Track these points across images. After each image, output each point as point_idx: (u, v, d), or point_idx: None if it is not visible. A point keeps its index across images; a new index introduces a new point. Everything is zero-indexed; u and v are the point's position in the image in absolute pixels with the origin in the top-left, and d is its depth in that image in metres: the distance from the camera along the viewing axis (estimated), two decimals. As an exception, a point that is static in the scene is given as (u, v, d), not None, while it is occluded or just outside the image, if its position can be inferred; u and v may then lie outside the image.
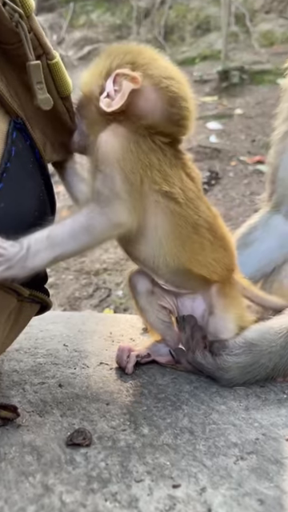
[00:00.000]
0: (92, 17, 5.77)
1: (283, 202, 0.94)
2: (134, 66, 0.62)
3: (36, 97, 0.58)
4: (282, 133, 0.90)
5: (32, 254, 0.57)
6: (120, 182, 0.60)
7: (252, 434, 0.60)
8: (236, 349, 0.69)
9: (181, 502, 0.48)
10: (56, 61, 0.61)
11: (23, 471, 0.52)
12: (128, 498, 0.49)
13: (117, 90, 0.62)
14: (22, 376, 0.73)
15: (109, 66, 0.63)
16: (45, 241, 0.58)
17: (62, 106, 0.64)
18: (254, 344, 0.70)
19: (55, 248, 0.58)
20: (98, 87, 0.64)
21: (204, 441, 0.58)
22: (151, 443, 0.57)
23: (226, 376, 0.70)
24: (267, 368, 0.70)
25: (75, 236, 0.59)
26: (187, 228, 0.65)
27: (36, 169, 0.64)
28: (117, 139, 0.61)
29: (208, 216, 0.68)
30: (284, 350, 0.70)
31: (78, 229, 0.59)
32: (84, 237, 0.59)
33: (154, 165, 0.62)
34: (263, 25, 5.04)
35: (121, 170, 0.60)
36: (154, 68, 0.63)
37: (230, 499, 0.49)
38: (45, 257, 0.58)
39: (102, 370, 0.76)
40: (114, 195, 0.60)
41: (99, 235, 0.61)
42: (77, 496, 0.49)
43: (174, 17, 5.39)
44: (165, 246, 0.65)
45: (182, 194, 0.64)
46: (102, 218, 0.59)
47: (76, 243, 0.59)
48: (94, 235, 0.60)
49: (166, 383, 0.72)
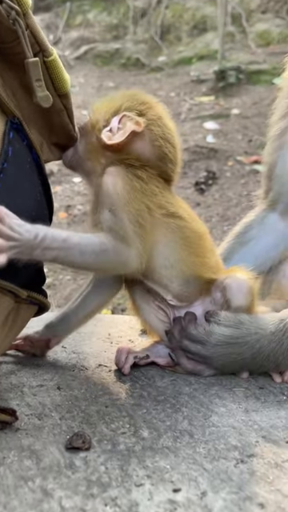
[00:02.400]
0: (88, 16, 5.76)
1: (279, 200, 0.94)
2: (141, 114, 0.71)
3: (35, 94, 0.58)
4: (279, 129, 0.90)
5: (42, 247, 0.60)
6: (129, 223, 0.66)
7: (252, 437, 0.59)
8: (226, 320, 0.72)
9: (181, 506, 0.48)
10: (53, 58, 0.60)
11: (22, 476, 0.52)
12: (128, 503, 0.48)
13: (120, 128, 0.70)
14: (21, 378, 0.72)
15: (120, 105, 0.72)
16: (60, 242, 0.61)
17: (60, 103, 0.64)
18: (242, 322, 0.72)
19: (64, 251, 0.62)
20: (104, 120, 0.71)
21: (204, 444, 0.58)
22: (151, 446, 0.57)
23: (212, 340, 0.71)
24: (253, 348, 0.71)
25: (84, 252, 0.63)
26: (195, 237, 0.73)
27: (33, 169, 0.63)
28: (122, 181, 0.68)
29: (202, 224, 0.77)
30: (273, 335, 0.71)
31: (90, 249, 0.63)
32: (90, 258, 0.64)
33: (156, 192, 0.70)
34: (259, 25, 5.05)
35: (129, 213, 0.66)
36: (157, 125, 0.72)
37: (231, 503, 0.48)
38: (52, 254, 0.61)
39: (100, 372, 0.75)
40: (125, 238, 0.65)
41: (103, 264, 0.66)
42: (76, 501, 0.48)
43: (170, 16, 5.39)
44: (178, 258, 0.72)
45: (183, 210, 0.73)
46: (113, 252, 0.65)
47: (81, 258, 0.63)
48: (99, 262, 0.65)
49: (165, 385, 0.71)
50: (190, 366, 0.74)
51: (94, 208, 0.70)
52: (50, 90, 0.61)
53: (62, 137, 0.68)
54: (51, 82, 0.61)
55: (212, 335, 0.71)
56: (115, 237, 0.64)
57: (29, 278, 0.66)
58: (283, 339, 0.71)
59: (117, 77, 4.94)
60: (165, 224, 0.70)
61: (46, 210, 0.69)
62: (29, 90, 0.60)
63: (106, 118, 0.71)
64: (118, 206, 0.66)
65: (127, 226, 0.65)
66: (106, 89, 4.66)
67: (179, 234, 0.71)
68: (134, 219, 0.66)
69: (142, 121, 0.69)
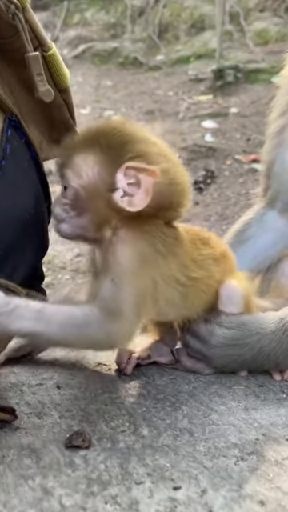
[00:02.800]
0: (86, 15, 5.74)
1: (278, 198, 0.94)
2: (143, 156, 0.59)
3: (37, 89, 0.57)
4: (277, 127, 0.90)
5: (14, 316, 0.55)
6: (129, 300, 0.58)
7: (252, 435, 0.59)
8: (228, 322, 0.72)
9: (181, 504, 0.48)
10: (52, 52, 0.60)
11: (22, 474, 0.52)
12: (128, 501, 0.48)
13: (131, 185, 0.58)
14: (20, 377, 0.72)
15: (113, 157, 0.58)
16: (34, 312, 0.56)
17: (60, 98, 0.63)
18: (245, 323, 0.72)
19: (39, 323, 0.56)
20: (103, 182, 0.59)
21: (204, 442, 0.58)
22: (151, 444, 0.57)
23: (212, 341, 0.71)
24: (253, 349, 0.71)
25: (63, 326, 0.57)
26: (209, 283, 0.69)
27: (31, 167, 0.63)
28: (133, 250, 0.59)
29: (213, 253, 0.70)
30: (273, 334, 0.71)
31: (70, 322, 0.57)
32: (71, 331, 0.57)
33: (170, 264, 0.62)
34: (258, 23, 5.05)
35: (133, 288, 0.59)
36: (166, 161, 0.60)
37: (231, 501, 0.48)
38: (25, 325, 0.55)
39: (100, 371, 0.75)
40: (115, 312, 0.58)
41: (87, 340, 0.59)
42: (77, 499, 0.48)
43: (168, 15, 5.38)
44: (191, 307, 0.68)
45: (195, 266, 0.66)
46: (99, 328, 0.58)
47: (60, 332, 0.57)
48: (82, 337, 0.58)
49: (164, 383, 0.71)
50: (190, 363, 0.75)
51: (95, 273, 0.63)
52: (50, 85, 0.60)
53: (64, 133, 0.68)
54: (51, 76, 0.61)
55: (213, 336, 0.71)
56: (104, 309, 0.57)
57: (27, 276, 0.66)
58: (283, 338, 0.71)
59: (115, 76, 4.94)
60: (175, 289, 0.64)
61: (45, 207, 0.69)
62: (27, 87, 0.59)
63: (103, 178, 0.58)
64: (123, 277, 0.58)
65: (125, 302, 0.58)
66: (104, 88, 4.66)
67: (191, 291, 0.66)
68: (135, 297, 0.59)
69: (156, 168, 0.57)
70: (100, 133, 0.60)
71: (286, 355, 0.71)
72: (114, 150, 0.59)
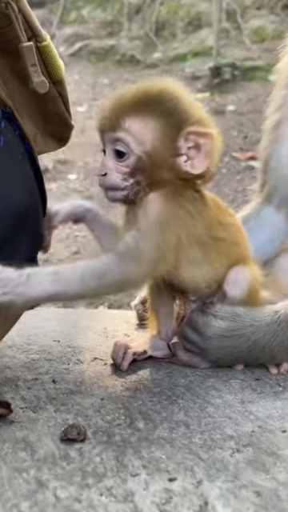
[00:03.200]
0: (83, 13, 5.73)
1: (275, 194, 0.94)
2: (201, 122, 0.61)
3: (31, 80, 0.57)
4: (274, 121, 0.90)
5: (32, 283, 0.55)
6: (150, 248, 0.60)
7: (248, 427, 0.59)
8: (222, 312, 0.71)
9: (177, 495, 0.48)
10: (46, 43, 0.59)
11: (16, 467, 0.51)
12: (123, 493, 0.48)
13: (191, 148, 0.61)
14: (15, 372, 0.72)
15: (174, 122, 0.60)
16: (50, 275, 0.56)
17: (54, 90, 0.63)
18: (238, 314, 0.72)
19: (59, 283, 0.57)
20: (165, 148, 0.60)
21: (200, 434, 0.57)
22: (147, 437, 0.57)
23: (208, 333, 0.71)
24: (249, 340, 0.71)
25: (84, 279, 0.58)
26: (230, 247, 0.70)
27: (26, 160, 0.62)
28: (166, 208, 0.61)
29: (236, 224, 0.72)
30: (268, 327, 0.71)
31: (90, 273, 0.58)
32: (92, 282, 0.58)
33: (196, 223, 0.64)
34: (254, 21, 5.05)
35: (158, 241, 0.60)
36: (210, 122, 0.63)
37: (227, 492, 0.48)
38: (46, 288, 0.56)
39: (96, 366, 0.75)
40: (138, 257, 0.59)
41: (108, 285, 0.60)
42: (71, 491, 0.48)
43: (165, 13, 5.37)
44: (210, 269, 0.69)
45: (220, 227, 0.68)
46: (117, 270, 0.59)
47: (82, 286, 0.58)
48: (103, 284, 0.59)
49: (160, 377, 0.71)
50: (186, 357, 0.74)
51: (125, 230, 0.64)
52: (44, 76, 0.60)
53: (58, 126, 0.67)
54: (45, 68, 0.60)
55: (208, 327, 0.71)
56: (124, 252, 0.59)
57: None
58: (278, 330, 0.71)
59: (111, 73, 4.93)
60: (197, 249, 0.66)
61: (40, 202, 0.68)
62: (21, 79, 0.59)
63: (167, 144, 0.60)
64: (149, 230, 0.60)
65: (145, 250, 0.60)
66: (100, 86, 4.65)
67: (215, 250, 0.68)
68: (156, 249, 0.60)
69: (212, 131, 0.60)
70: (156, 96, 0.61)
71: (281, 348, 0.71)
72: (174, 115, 0.60)
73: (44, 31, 0.60)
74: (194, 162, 0.61)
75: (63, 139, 0.70)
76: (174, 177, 0.62)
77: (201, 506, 0.46)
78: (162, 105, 0.60)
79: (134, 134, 0.60)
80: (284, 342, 0.71)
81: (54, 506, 0.46)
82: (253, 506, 0.46)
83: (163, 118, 0.60)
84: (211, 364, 0.74)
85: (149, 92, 0.61)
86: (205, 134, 0.60)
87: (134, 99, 0.61)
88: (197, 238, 0.65)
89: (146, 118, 0.60)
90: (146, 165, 0.61)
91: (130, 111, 0.60)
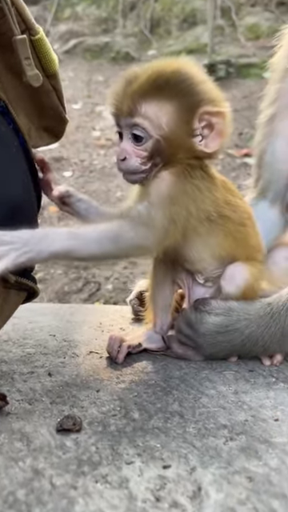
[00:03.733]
0: (77, 9, 5.70)
1: (269, 188, 0.94)
2: (214, 101, 0.62)
3: (25, 73, 0.57)
4: (268, 116, 0.90)
5: (50, 240, 0.57)
6: (162, 218, 0.61)
7: (241, 416, 0.60)
8: (216, 308, 0.72)
9: (171, 481, 0.49)
10: (39, 36, 0.59)
11: (12, 457, 0.52)
12: (118, 480, 0.49)
13: (204, 127, 0.62)
14: (11, 366, 0.72)
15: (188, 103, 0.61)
16: (65, 234, 0.58)
17: (48, 84, 0.63)
18: (232, 309, 0.72)
19: (75, 241, 0.58)
20: (181, 130, 0.61)
21: (194, 423, 0.58)
22: (142, 427, 0.57)
23: (202, 329, 0.72)
24: (243, 334, 0.72)
25: (100, 240, 0.59)
26: (237, 227, 0.71)
27: (20, 153, 0.63)
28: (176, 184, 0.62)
29: (245, 207, 0.73)
30: (261, 319, 0.72)
31: (106, 235, 0.60)
32: (108, 244, 0.60)
33: (205, 198, 0.65)
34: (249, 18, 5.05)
35: (167, 211, 0.61)
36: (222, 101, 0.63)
37: (220, 478, 0.49)
38: (64, 245, 0.57)
39: (91, 359, 0.75)
40: (150, 224, 0.61)
41: (122, 249, 0.62)
42: (67, 479, 0.49)
43: (159, 10, 5.36)
44: (218, 247, 0.70)
45: (227, 206, 0.68)
46: (130, 235, 0.60)
47: (97, 246, 0.59)
48: (118, 247, 0.61)
49: (155, 370, 0.72)
50: (181, 350, 0.75)
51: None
52: (38, 70, 0.60)
53: (53, 119, 0.67)
54: (39, 61, 0.60)
55: (202, 324, 0.72)
56: (136, 219, 0.61)
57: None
58: (270, 322, 0.72)
59: (106, 71, 4.91)
60: (206, 225, 0.67)
61: (34, 196, 0.69)
62: (15, 73, 0.59)
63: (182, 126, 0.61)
64: (160, 202, 0.61)
65: (156, 219, 0.61)
66: (95, 83, 4.63)
67: (222, 229, 0.69)
68: (167, 220, 0.62)
69: (224, 110, 0.62)
70: (171, 78, 0.61)
71: (274, 339, 0.72)
72: (189, 96, 0.61)
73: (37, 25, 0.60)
74: (207, 141, 0.62)
75: (58, 133, 0.71)
76: (188, 156, 0.63)
77: (194, 492, 0.47)
78: (177, 87, 0.61)
79: (150, 118, 0.61)
80: (277, 334, 0.72)
81: (49, 494, 0.47)
82: (245, 490, 0.47)
83: (179, 100, 0.61)
84: (206, 358, 0.74)
85: (163, 74, 0.61)
86: (218, 113, 0.61)
87: (149, 82, 0.61)
88: (206, 214, 0.66)
89: (161, 102, 0.60)
90: (163, 147, 0.62)
91: (145, 95, 0.61)
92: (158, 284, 0.76)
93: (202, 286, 0.75)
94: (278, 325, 0.72)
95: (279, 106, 0.89)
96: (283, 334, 0.72)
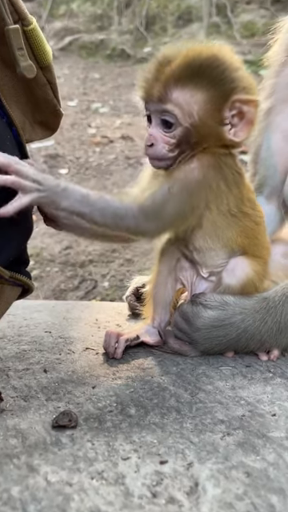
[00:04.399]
0: (72, 6, 5.67)
1: (265, 183, 0.94)
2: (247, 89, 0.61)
3: (18, 64, 0.56)
4: (264, 110, 0.90)
5: (65, 195, 0.59)
6: (176, 210, 0.61)
7: (238, 411, 0.60)
8: (212, 301, 0.72)
9: (168, 477, 0.48)
10: (33, 27, 0.58)
11: (7, 454, 0.51)
12: (115, 476, 0.48)
13: (235, 116, 0.61)
14: (6, 363, 0.72)
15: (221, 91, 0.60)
16: (80, 195, 0.60)
17: (43, 77, 0.62)
18: (227, 303, 0.72)
19: (84, 205, 0.60)
20: (212, 118, 0.61)
21: (191, 419, 0.58)
22: (138, 423, 0.57)
23: (198, 324, 0.71)
24: (238, 328, 0.71)
25: (104, 213, 0.60)
26: (252, 225, 0.71)
27: (13, 147, 0.62)
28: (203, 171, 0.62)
29: (258, 205, 0.73)
30: (257, 313, 0.72)
31: (110, 210, 0.60)
32: (110, 219, 0.61)
33: (230, 193, 0.65)
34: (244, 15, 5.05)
35: (183, 204, 0.62)
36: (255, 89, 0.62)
37: (217, 473, 0.49)
38: (73, 205, 0.59)
39: (87, 355, 0.75)
40: (160, 216, 0.61)
41: (121, 228, 0.63)
42: (62, 475, 0.48)
43: (155, 7, 5.34)
44: (230, 241, 0.70)
45: (249, 204, 0.69)
46: (133, 221, 0.61)
47: (100, 217, 0.61)
48: (117, 225, 0.62)
49: (152, 366, 0.71)
50: (177, 345, 0.75)
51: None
52: (32, 61, 0.59)
53: (47, 113, 0.66)
54: (32, 53, 0.59)
55: (198, 318, 0.71)
56: (145, 207, 0.61)
57: (12, 260, 0.65)
58: (266, 317, 0.72)
59: (102, 68, 4.90)
60: (225, 218, 0.67)
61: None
62: (8, 65, 0.58)
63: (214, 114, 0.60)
64: (181, 190, 0.61)
65: (168, 209, 0.61)
66: (91, 80, 4.61)
67: (238, 225, 0.69)
68: (180, 210, 0.62)
69: (256, 98, 0.61)
70: (204, 65, 0.60)
71: (270, 334, 0.72)
72: (222, 84, 0.60)
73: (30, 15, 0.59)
74: (236, 130, 0.62)
75: (52, 127, 0.70)
76: (215, 145, 0.63)
77: (191, 487, 0.47)
78: (211, 74, 0.60)
79: (181, 105, 0.60)
80: (273, 329, 0.72)
81: (45, 490, 0.46)
82: (243, 485, 0.47)
83: (212, 88, 0.60)
84: (202, 353, 0.74)
85: (196, 60, 0.60)
86: (249, 102, 0.60)
87: (182, 68, 0.59)
88: (227, 208, 0.66)
89: (194, 89, 0.60)
90: (192, 135, 0.61)
91: (177, 82, 0.59)
92: (161, 280, 0.76)
93: (204, 281, 0.74)
94: (274, 319, 0.72)
95: (275, 100, 0.89)
96: (279, 328, 0.72)
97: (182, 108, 0.60)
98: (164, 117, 0.62)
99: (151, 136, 0.63)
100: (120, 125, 3.61)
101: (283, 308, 0.72)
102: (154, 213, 0.61)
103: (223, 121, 0.61)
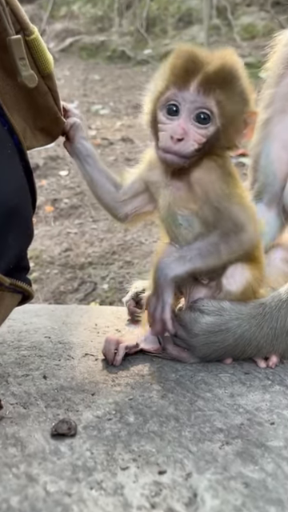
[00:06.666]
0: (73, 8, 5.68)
1: (265, 191, 0.95)
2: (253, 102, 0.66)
3: (20, 74, 0.56)
4: (263, 120, 0.90)
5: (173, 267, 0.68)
6: (238, 211, 0.66)
7: (237, 420, 0.60)
8: (209, 307, 0.72)
9: (166, 487, 0.48)
10: (34, 36, 0.58)
11: (6, 463, 0.51)
12: (113, 486, 0.48)
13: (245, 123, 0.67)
14: (5, 369, 0.72)
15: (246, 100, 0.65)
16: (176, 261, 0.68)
17: (44, 85, 0.62)
18: (224, 308, 0.72)
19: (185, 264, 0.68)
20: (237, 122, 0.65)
21: (189, 427, 0.58)
22: (137, 431, 0.57)
23: (195, 329, 0.72)
24: (235, 334, 0.72)
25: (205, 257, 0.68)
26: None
27: (15, 154, 0.62)
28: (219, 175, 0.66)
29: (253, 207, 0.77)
30: (254, 319, 0.72)
31: (211, 250, 0.67)
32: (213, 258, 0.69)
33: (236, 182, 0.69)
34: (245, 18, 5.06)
35: (234, 203, 0.66)
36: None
37: (216, 483, 0.49)
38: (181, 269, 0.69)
39: (87, 361, 0.75)
40: (238, 225, 0.67)
41: (227, 257, 0.69)
42: (61, 485, 0.48)
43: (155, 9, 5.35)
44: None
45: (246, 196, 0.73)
46: (234, 243, 0.68)
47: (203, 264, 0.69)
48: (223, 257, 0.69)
49: (151, 372, 0.71)
50: (176, 352, 0.75)
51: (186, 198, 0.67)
52: (33, 70, 0.59)
53: (48, 121, 0.66)
54: (34, 62, 0.59)
55: (196, 324, 0.72)
56: (228, 228, 0.65)
57: (12, 266, 0.65)
58: (263, 322, 0.72)
59: (102, 69, 4.90)
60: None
61: (29, 196, 0.68)
62: (10, 73, 0.58)
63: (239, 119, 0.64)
64: (224, 201, 0.65)
65: (238, 214, 0.66)
66: (91, 82, 4.62)
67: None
68: (240, 206, 0.66)
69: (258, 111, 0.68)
70: (241, 71, 0.64)
71: (267, 339, 0.72)
72: (247, 93, 0.65)
73: (32, 25, 0.59)
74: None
75: (53, 134, 0.70)
76: (224, 148, 0.66)
77: (190, 498, 0.47)
78: (246, 81, 0.65)
79: (221, 104, 0.61)
80: (269, 335, 0.72)
81: (44, 501, 0.46)
82: (241, 496, 0.47)
83: (244, 95, 0.65)
84: (200, 359, 0.74)
85: (235, 67, 0.64)
86: (254, 113, 0.66)
87: (225, 70, 0.62)
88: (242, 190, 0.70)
89: (233, 93, 0.63)
90: (219, 137, 0.63)
91: (221, 81, 0.62)
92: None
93: (203, 288, 0.75)
94: (271, 325, 0.72)
95: (274, 110, 0.90)
96: (275, 334, 0.72)
97: (221, 107, 0.61)
98: (201, 110, 0.61)
99: (182, 130, 0.60)
100: (120, 127, 3.61)
101: (279, 314, 0.72)
102: (236, 225, 0.66)
103: (243, 127, 0.65)
